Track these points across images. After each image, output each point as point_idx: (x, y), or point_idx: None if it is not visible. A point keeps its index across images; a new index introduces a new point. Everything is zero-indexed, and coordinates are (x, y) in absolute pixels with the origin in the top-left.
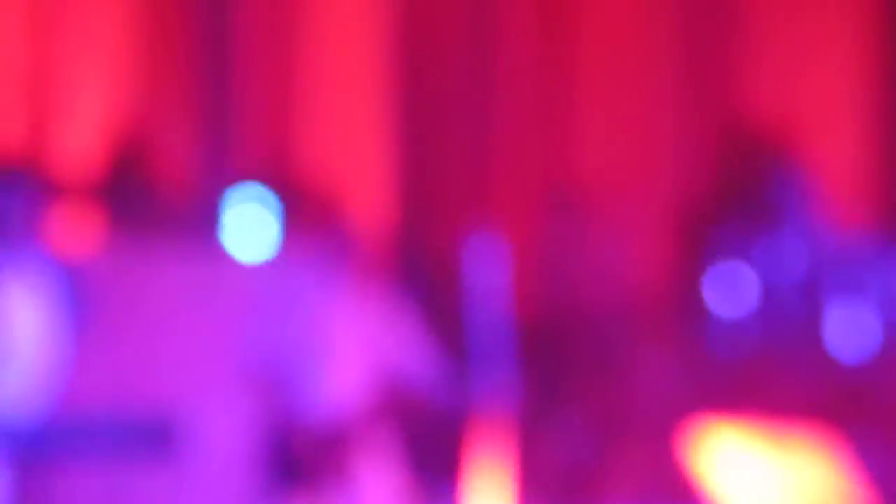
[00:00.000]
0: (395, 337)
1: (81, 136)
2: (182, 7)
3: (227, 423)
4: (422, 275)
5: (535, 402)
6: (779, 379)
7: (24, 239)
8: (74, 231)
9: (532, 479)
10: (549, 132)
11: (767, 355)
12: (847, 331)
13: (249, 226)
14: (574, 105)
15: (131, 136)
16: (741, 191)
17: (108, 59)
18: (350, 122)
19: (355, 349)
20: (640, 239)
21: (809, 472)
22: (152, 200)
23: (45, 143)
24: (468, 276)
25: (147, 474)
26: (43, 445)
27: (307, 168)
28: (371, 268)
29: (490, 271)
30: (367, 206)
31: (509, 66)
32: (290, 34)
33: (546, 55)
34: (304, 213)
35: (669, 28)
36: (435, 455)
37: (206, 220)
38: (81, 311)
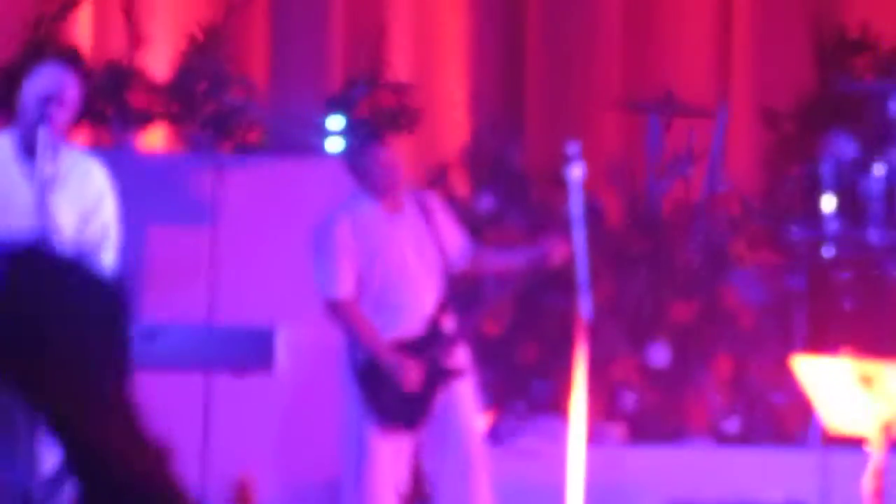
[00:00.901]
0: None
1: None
2: None
3: (317, 337)
4: (514, 188)
5: (628, 309)
6: (880, 306)
7: (121, 135)
8: (165, 131)
9: (618, 388)
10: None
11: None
12: None
13: (336, 137)
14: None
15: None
16: (839, 100)
17: None
18: (439, 37)
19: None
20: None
21: None
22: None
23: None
24: (568, 190)
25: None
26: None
27: (399, 82)
28: (457, 182)
29: (578, 180)
30: (453, 121)
31: None
32: None
33: None
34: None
35: None
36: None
37: (291, 131)
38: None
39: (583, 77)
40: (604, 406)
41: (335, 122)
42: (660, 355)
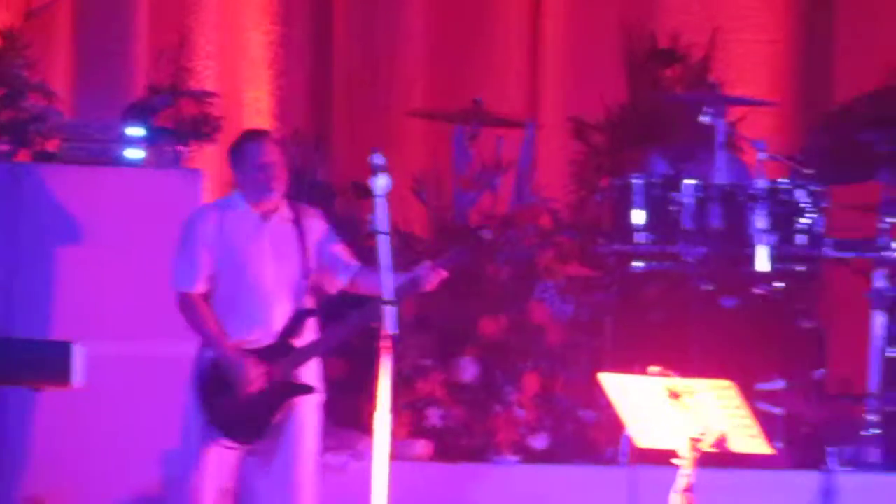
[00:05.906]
0: None
1: None
2: None
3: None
4: (317, 199)
5: (435, 324)
6: (689, 321)
7: None
8: None
9: None
10: None
11: None
12: None
13: (136, 146)
14: None
15: None
16: (650, 112)
17: None
18: (244, 45)
19: None
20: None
21: None
22: None
23: None
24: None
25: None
26: None
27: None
28: None
29: (382, 192)
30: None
31: None
32: None
33: None
34: None
35: None
36: None
37: (91, 139)
38: None
39: (389, 86)
40: (410, 422)
41: (136, 130)
42: (467, 371)
